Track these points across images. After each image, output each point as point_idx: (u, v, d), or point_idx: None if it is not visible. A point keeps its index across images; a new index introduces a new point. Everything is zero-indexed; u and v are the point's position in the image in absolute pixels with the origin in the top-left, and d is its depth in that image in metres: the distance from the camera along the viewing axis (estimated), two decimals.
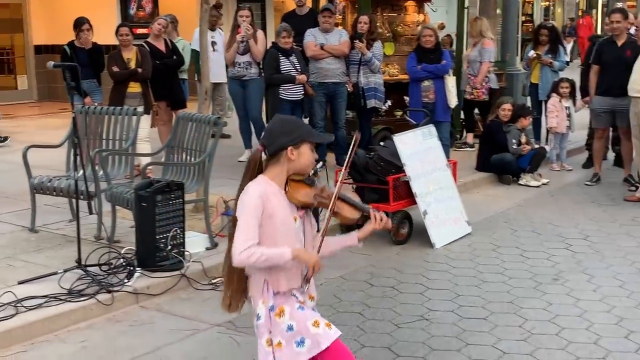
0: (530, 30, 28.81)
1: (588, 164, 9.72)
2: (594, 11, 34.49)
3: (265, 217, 3.04)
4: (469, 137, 10.73)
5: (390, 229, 3.28)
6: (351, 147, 3.23)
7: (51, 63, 5.31)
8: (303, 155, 3.10)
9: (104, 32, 10.31)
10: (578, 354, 4.33)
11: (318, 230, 3.29)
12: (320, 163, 3.33)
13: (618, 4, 32.24)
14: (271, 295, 3.12)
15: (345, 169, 3.28)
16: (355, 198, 3.30)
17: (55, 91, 15.76)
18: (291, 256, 3.01)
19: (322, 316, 3.22)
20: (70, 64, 5.44)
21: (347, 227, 3.34)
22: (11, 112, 13.70)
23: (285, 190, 3.12)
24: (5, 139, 10.80)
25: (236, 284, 3.20)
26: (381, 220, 3.20)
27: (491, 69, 10.24)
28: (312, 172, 3.20)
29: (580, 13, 29.41)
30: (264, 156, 3.17)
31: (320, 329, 3.10)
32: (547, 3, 33.78)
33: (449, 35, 12.28)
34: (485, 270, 5.83)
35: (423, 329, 4.72)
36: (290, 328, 3.11)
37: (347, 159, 3.24)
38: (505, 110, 9.07)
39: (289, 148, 3.07)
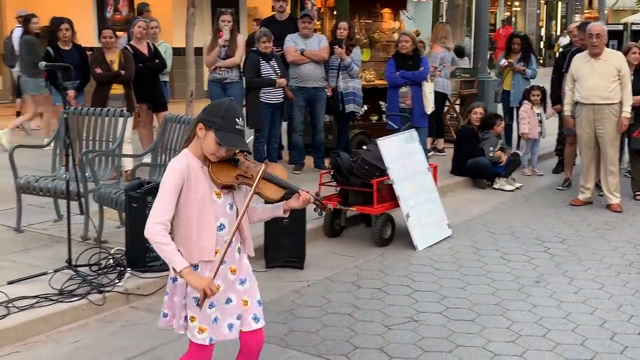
0: (493, 39, 29.30)
1: (558, 168, 10.00)
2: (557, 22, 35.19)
3: (185, 189, 3.15)
4: (439, 143, 10.89)
5: (315, 203, 3.41)
6: (258, 176, 3.20)
7: (43, 63, 5.30)
8: (207, 139, 3.13)
9: (80, 35, 10.24)
10: (567, 355, 4.45)
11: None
12: (252, 137, 3.35)
13: (576, 16, 33.10)
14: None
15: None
16: (283, 176, 3.34)
17: None
18: (179, 270, 3.08)
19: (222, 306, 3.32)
20: (63, 64, 5.43)
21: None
22: None
23: (208, 168, 3.18)
24: None
25: None
26: (302, 197, 3.31)
27: (437, 73, 10.20)
28: (238, 150, 3.23)
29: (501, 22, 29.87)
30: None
31: (192, 325, 3.26)
32: (509, 13, 34.38)
33: (421, 42, 12.46)
34: (468, 273, 5.96)
35: (413, 331, 4.81)
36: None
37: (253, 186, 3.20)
38: (477, 114, 9.24)
39: (200, 124, 3.15)
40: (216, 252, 3.22)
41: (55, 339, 4.62)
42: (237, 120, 3.16)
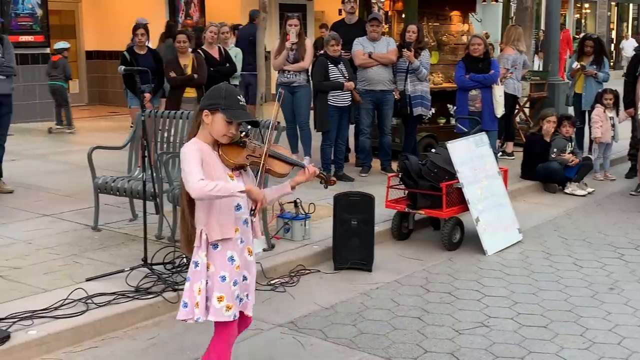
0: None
1: (631, 173, 9.77)
2: (624, 24, 34.28)
3: (204, 168, 3.32)
4: (509, 146, 10.76)
5: (320, 177, 3.64)
6: (276, 104, 3.58)
7: (122, 67, 5.47)
8: (215, 123, 3.32)
9: (153, 39, 10.53)
10: None
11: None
12: (249, 127, 3.66)
13: None
14: (206, 246, 3.42)
15: (273, 121, 3.60)
16: (286, 154, 3.56)
17: (105, 95, 16.10)
18: (244, 187, 3.30)
19: (238, 290, 3.49)
20: (142, 69, 5.59)
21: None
22: (63, 114, 14.03)
23: (218, 152, 3.36)
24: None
25: (189, 228, 3.49)
26: (309, 171, 3.51)
27: (508, 75, 10.08)
28: (243, 134, 3.42)
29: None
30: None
31: (219, 305, 3.43)
32: (579, 16, 33.67)
33: (491, 44, 12.35)
34: (540, 279, 5.88)
35: (484, 336, 4.77)
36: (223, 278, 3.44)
37: (274, 116, 3.57)
38: (551, 122, 9.09)
39: (205, 111, 3.34)
40: (236, 230, 3.43)
41: (132, 334, 4.75)
42: (239, 97, 3.39)
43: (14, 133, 12.08)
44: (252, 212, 3.41)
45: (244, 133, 3.44)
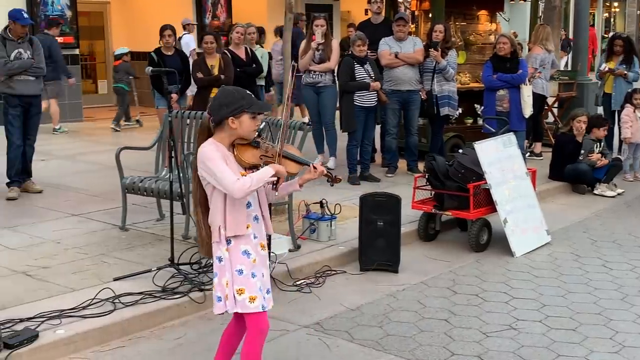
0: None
1: None
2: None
3: None
4: (537, 147, 10.65)
5: (327, 175, 3.72)
6: (290, 77, 3.75)
7: (149, 69, 5.50)
8: (244, 124, 3.46)
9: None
10: None
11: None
12: (263, 123, 3.81)
13: None
14: (224, 242, 3.53)
15: (287, 102, 3.79)
16: (297, 153, 3.71)
17: (132, 96, 16.21)
18: (273, 171, 3.46)
19: (257, 281, 3.56)
20: (169, 70, 5.63)
21: None
22: (92, 115, 14.20)
23: (233, 153, 3.50)
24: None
25: (205, 231, 3.60)
26: (316, 169, 3.60)
27: (537, 75, 10.01)
28: (256, 134, 3.54)
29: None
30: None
31: (241, 298, 3.52)
32: (608, 14, 33.29)
33: (519, 43, 12.24)
34: (569, 281, 5.82)
35: (512, 339, 4.73)
36: (240, 272, 3.56)
37: (288, 89, 3.74)
38: (581, 122, 8.98)
39: (230, 118, 3.44)
40: (247, 227, 3.54)
41: (159, 334, 4.77)
42: (249, 92, 3.56)
43: (67, 130, 12.28)
44: (275, 186, 3.56)
45: (257, 134, 3.55)
